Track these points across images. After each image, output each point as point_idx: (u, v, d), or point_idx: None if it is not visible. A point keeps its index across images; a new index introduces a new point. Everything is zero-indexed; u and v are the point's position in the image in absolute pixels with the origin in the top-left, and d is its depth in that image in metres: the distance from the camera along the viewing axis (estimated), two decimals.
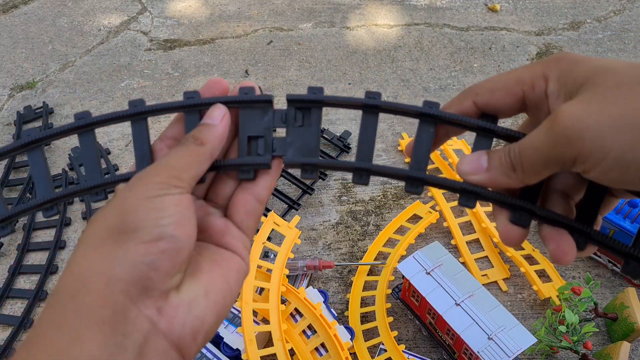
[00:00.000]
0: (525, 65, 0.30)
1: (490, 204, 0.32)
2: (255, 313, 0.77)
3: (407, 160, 1.07)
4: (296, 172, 1.03)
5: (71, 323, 0.25)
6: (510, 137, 0.31)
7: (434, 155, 1.07)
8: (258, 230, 0.82)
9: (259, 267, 0.79)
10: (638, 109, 0.24)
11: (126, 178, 0.32)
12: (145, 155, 0.32)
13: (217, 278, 0.30)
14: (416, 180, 0.32)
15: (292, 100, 0.32)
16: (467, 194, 0.31)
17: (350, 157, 1.09)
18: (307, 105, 0.33)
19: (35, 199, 0.32)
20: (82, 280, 0.26)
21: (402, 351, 0.76)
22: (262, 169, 0.32)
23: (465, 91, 0.32)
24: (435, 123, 0.33)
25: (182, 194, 0.29)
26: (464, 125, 0.32)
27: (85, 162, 0.33)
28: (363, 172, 0.33)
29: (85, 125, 0.33)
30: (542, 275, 0.87)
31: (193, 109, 0.32)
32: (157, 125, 1.16)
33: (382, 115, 0.34)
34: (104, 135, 1.15)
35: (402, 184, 1.03)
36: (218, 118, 0.31)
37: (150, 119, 0.35)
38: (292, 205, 0.96)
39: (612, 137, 0.24)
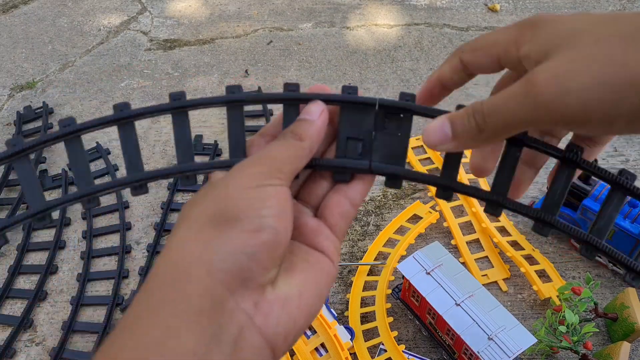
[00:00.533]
0: (505, 26, 0.30)
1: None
2: None
3: (407, 160, 1.07)
4: None
5: (168, 312, 0.24)
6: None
7: (435, 155, 1.07)
8: None
9: None
10: (619, 63, 0.23)
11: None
12: (240, 145, 0.32)
13: (309, 279, 0.29)
14: (447, 188, 0.32)
15: (383, 106, 0.32)
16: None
17: None
18: (399, 112, 0.32)
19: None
20: (182, 268, 0.25)
21: (402, 351, 0.76)
22: (360, 173, 0.32)
23: (455, 50, 0.32)
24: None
25: (282, 186, 0.28)
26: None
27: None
28: (448, 189, 0.32)
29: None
30: (542, 275, 0.87)
31: (293, 102, 0.32)
32: (157, 125, 1.16)
33: None
34: (103, 135, 1.15)
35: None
36: (316, 114, 0.31)
37: (150, 119, 0.35)
38: None
39: (596, 97, 0.24)
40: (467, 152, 1.06)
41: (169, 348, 0.23)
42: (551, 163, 0.31)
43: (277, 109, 1.20)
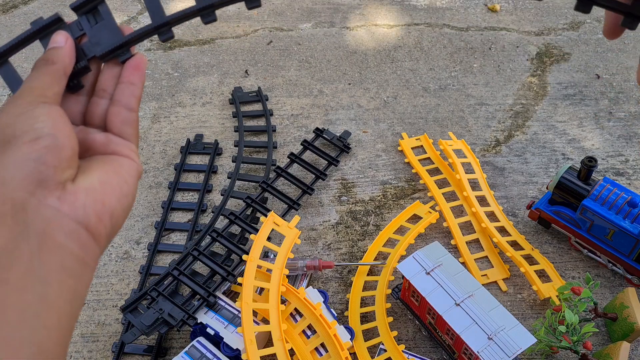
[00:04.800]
0: None
1: (490, 205, 0.32)
2: (255, 313, 0.77)
3: (407, 160, 1.07)
4: (296, 172, 1.03)
5: None
6: None
7: (434, 155, 1.07)
8: (257, 230, 0.82)
9: (259, 267, 0.79)
10: None
11: None
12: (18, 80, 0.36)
13: (108, 171, 0.33)
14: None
15: (75, 8, 0.37)
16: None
17: (350, 158, 1.09)
18: (92, 6, 0.37)
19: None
20: None
21: (402, 351, 0.76)
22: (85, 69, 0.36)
23: None
24: None
25: (50, 106, 0.32)
26: None
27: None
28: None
29: None
30: (542, 275, 0.87)
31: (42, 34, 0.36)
32: (157, 125, 1.16)
33: (382, 115, 0.35)
34: None
35: (402, 183, 1.03)
36: (62, 41, 0.35)
37: (150, 119, 0.38)
38: (292, 206, 0.96)
39: None
40: (475, 164, 1.06)
41: None
42: (548, 165, 0.31)
43: (278, 111, 1.20)
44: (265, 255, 0.88)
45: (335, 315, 0.80)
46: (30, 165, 0.28)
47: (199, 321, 0.78)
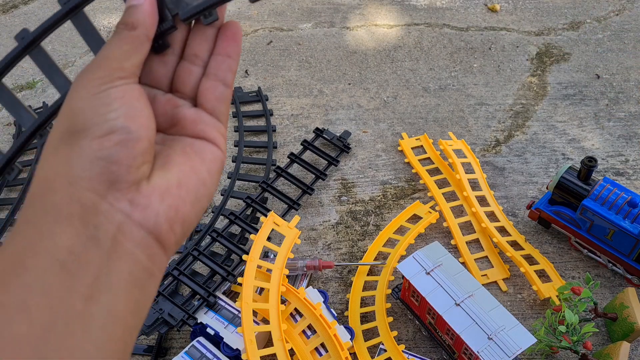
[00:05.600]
0: None
1: (490, 205, 0.32)
2: (255, 313, 0.77)
3: (407, 160, 1.07)
4: (296, 172, 1.03)
5: (40, 219, 0.25)
6: None
7: (434, 155, 1.07)
8: (257, 230, 0.82)
9: (259, 267, 0.79)
10: None
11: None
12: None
13: (189, 169, 0.29)
14: None
15: None
16: None
17: (350, 158, 1.09)
18: None
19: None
20: (46, 185, 0.26)
21: (402, 351, 0.76)
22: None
23: None
24: None
25: (127, 85, 0.28)
26: None
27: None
28: None
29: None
30: (542, 275, 0.87)
31: None
32: None
33: (382, 115, 0.34)
34: None
35: (402, 183, 1.03)
36: None
37: None
38: (292, 205, 0.96)
39: None
40: (475, 164, 1.06)
41: (44, 247, 0.24)
42: (548, 165, 0.31)
43: (278, 111, 1.20)
44: (265, 255, 0.88)
45: (335, 315, 0.80)
46: (100, 164, 0.26)
47: (199, 321, 0.78)
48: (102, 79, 0.28)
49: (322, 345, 0.75)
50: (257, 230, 0.83)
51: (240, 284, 0.76)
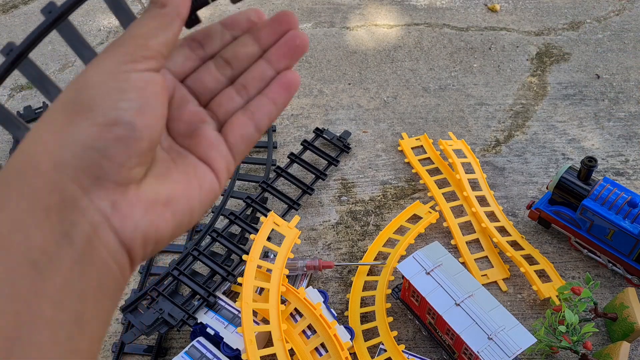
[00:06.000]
0: None
1: (490, 205, 0.32)
2: (255, 313, 0.77)
3: (407, 160, 1.07)
4: (296, 172, 1.03)
5: (15, 205, 0.23)
6: None
7: (434, 155, 1.07)
8: (257, 230, 0.82)
9: (259, 267, 0.79)
10: None
11: None
12: None
13: (182, 191, 0.28)
14: None
15: None
16: None
17: (350, 158, 1.09)
18: None
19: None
20: (31, 160, 0.24)
21: (402, 351, 0.76)
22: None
23: None
24: None
25: (150, 72, 0.26)
26: None
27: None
28: None
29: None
30: (542, 275, 0.87)
31: None
32: None
33: (381, 115, 0.34)
34: None
35: (402, 183, 1.03)
36: None
37: None
38: (292, 205, 0.96)
39: None
40: (475, 164, 1.06)
41: (15, 243, 0.22)
42: (548, 165, 0.31)
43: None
44: (265, 255, 0.88)
45: (335, 315, 0.80)
46: (91, 155, 0.24)
47: (199, 321, 0.78)
48: (124, 55, 0.26)
49: (322, 345, 0.75)
50: (257, 230, 0.83)
51: (240, 284, 0.76)
